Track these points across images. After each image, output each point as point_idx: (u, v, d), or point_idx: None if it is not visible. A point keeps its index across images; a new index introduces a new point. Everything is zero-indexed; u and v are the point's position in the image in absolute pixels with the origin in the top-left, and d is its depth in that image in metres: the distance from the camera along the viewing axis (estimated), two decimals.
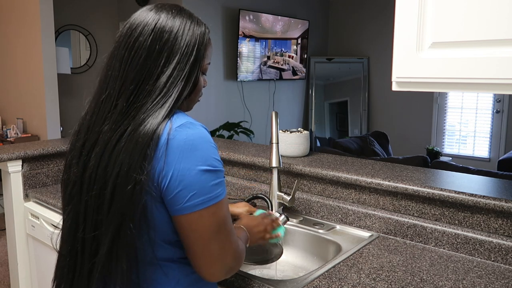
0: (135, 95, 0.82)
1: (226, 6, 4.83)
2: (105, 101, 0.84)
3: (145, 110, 0.80)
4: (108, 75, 0.85)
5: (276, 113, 1.41)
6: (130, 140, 0.78)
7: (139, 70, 0.83)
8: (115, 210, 0.78)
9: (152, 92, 0.82)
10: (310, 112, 6.07)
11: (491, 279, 1.11)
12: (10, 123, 4.16)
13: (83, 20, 4.65)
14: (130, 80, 0.82)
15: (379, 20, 5.75)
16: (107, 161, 0.80)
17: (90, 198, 0.82)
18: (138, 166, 0.77)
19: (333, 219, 1.52)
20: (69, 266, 0.86)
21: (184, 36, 0.85)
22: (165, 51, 0.83)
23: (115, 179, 0.78)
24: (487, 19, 0.81)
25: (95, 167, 0.81)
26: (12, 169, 1.84)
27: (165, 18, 0.86)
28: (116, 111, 0.82)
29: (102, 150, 0.81)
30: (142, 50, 0.83)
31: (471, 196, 1.24)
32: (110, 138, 0.80)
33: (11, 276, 2.01)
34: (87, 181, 0.82)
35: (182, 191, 0.77)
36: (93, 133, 0.84)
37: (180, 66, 0.84)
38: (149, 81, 0.82)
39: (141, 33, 0.84)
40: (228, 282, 1.10)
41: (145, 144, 0.77)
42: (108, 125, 0.81)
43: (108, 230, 0.78)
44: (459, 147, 5.62)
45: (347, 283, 1.07)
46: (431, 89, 0.93)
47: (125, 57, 0.84)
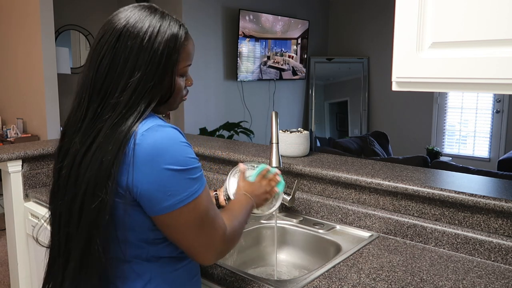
0: (102, 108, 0.81)
1: (226, 6, 4.83)
2: (77, 110, 0.85)
3: (111, 125, 0.80)
4: (80, 83, 0.86)
5: (276, 113, 1.41)
6: (95, 158, 0.79)
7: (105, 81, 0.82)
8: (84, 226, 0.80)
9: (117, 106, 0.80)
10: (310, 112, 6.07)
11: (491, 279, 1.11)
12: (10, 123, 4.16)
13: (83, 20, 4.64)
14: (97, 91, 0.82)
15: (379, 20, 5.75)
16: (76, 175, 0.82)
17: (61, 207, 0.85)
18: (104, 185, 0.78)
19: (333, 219, 1.52)
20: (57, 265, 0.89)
21: (152, 43, 0.82)
22: (130, 61, 0.81)
23: (82, 196, 0.80)
24: (487, 19, 0.81)
25: (66, 177, 0.84)
26: (12, 169, 1.84)
27: (133, 23, 0.83)
28: (85, 122, 0.83)
29: (71, 162, 0.83)
30: (106, 61, 0.81)
31: (471, 196, 1.24)
32: (78, 150, 0.82)
33: (11, 276, 2.01)
34: (62, 189, 0.85)
35: (157, 194, 0.78)
36: (67, 141, 0.86)
37: (147, 77, 0.81)
38: (114, 94, 0.81)
39: (106, 41, 0.82)
40: (228, 282, 1.10)
41: (109, 163, 0.78)
42: (78, 137, 0.83)
43: (78, 245, 0.81)
44: (459, 147, 5.62)
45: (347, 283, 1.07)
46: (431, 89, 0.93)
47: (92, 66, 0.83)
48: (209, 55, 4.74)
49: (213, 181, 1.90)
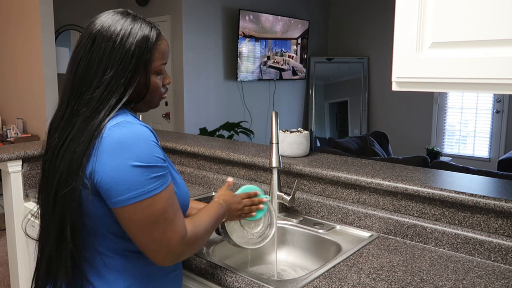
0: (78, 104, 0.88)
1: (226, 6, 4.83)
2: (58, 109, 0.92)
3: (85, 119, 0.86)
4: (63, 85, 0.93)
5: (276, 113, 1.41)
6: (69, 150, 0.85)
7: (82, 81, 0.89)
8: (57, 214, 0.87)
9: (91, 101, 0.87)
10: (310, 112, 6.07)
11: (491, 279, 1.11)
12: (10, 123, 4.16)
13: (83, 20, 4.64)
14: (75, 91, 0.89)
15: (379, 20, 5.75)
16: (53, 167, 0.88)
17: (44, 200, 0.92)
18: (75, 174, 0.83)
19: (333, 219, 1.52)
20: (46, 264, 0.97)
21: (123, 44, 0.88)
22: (103, 61, 0.87)
23: (56, 185, 0.86)
24: (487, 19, 0.81)
25: (47, 170, 0.90)
26: (12, 169, 1.84)
27: (107, 27, 0.89)
28: (64, 119, 0.89)
29: (51, 157, 0.89)
30: (84, 62, 0.88)
31: (471, 196, 1.24)
32: (56, 145, 0.88)
33: (11, 276, 2.01)
34: (45, 181, 0.91)
35: (114, 186, 0.82)
36: (50, 137, 0.92)
37: (118, 74, 0.88)
38: (89, 91, 0.87)
39: (83, 45, 0.90)
40: (228, 282, 1.10)
41: (81, 153, 0.83)
42: (57, 132, 0.89)
43: (53, 233, 0.88)
44: (459, 147, 5.62)
45: (347, 283, 1.07)
46: (431, 89, 0.93)
47: (72, 68, 0.91)
48: (209, 55, 4.74)
49: (213, 181, 1.90)
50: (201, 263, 1.18)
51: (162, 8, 4.61)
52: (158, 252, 0.86)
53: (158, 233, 0.85)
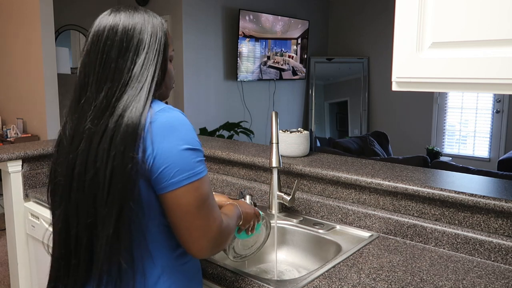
0: (112, 89, 0.86)
1: (226, 6, 4.83)
2: (84, 104, 0.88)
3: (127, 98, 0.85)
4: (84, 82, 0.89)
5: (276, 113, 1.41)
6: (119, 125, 0.83)
7: (113, 69, 0.87)
8: (115, 192, 0.81)
9: (129, 82, 0.87)
10: (310, 112, 6.07)
11: (491, 279, 1.11)
12: (10, 123, 4.16)
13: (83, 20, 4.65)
14: (105, 80, 0.87)
15: (379, 20, 5.75)
16: (96, 151, 0.83)
17: (82, 192, 0.85)
18: (133, 146, 0.81)
19: (333, 219, 1.52)
20: (65, 268, 0.89)
21: (146, 29, 0.91)
22: (132, 46, 0.89)
23: (112, 161, 0.81)
24: (487, 19, 0.81)
25: (83, 162, 0.84)
26: (12, 169, 1.84)
27: (125, 18, 0.91)
28: (96, 108, 0.86)
29: (89, 144, 0.84)
30: (113, 52, 0.88)
31: (471, 196, 1.24)
32: (94, 132, 0.84)
33: (11, 276, 2.01)
34: (77, 178, 0.85)
35: (166, 169, 0.82)
36: (77, 135, 0.87)
37: (148, 55, 0.89)
38: (123, 75, 0.87)
39: (108, 36, 0.89)
40: (228, 282, 1.10)
41: (135, 125, 0.82)
42: (89, 122, 0.85)
43: (111, 212, 0.82)
44: (459, 147, 5.62)
45: (347, 283, 1.07)
46: (431, 89, 0.93)
47: (98, 61, 0.88)
48: (209, 55, 4.74)
49: (213, 181, 1.90)
50: (201, 263, 1.18)
51: (162, 8, 4.61)
52: (198, 240, 0.87)
53: (202, 218, 0.86)
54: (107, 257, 0.83)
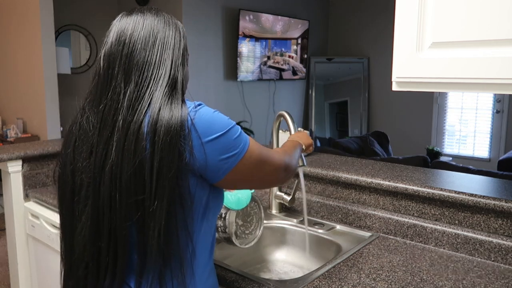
0: (143, 80, 0.86)
1: (226, 6, 4.83)
2: (111, 95, 0.85)
3: (163, 94, 0.85)
4: (108, 73, 0.87)
5: (288, 112, 1.42)
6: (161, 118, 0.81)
7: (141, 60, 0.87)
8: (165, 183, 0.80)
9: (162, 77, 0.87)
10: (310, 112, 6.07)
11: (491, 279, 1.11)
12: (10, 123, 4.16)
13: (83, 20, 4.65)
14: (134, 70, 0.86)
15: (379, 20, 5.75)
16: (135, 141, 0.81)
17: (119, 185, 0.81)
18: (179, 138, 0.81)
19: (333, 219, 1.52)
20: (93, 271, 0.85)
21: (171, 28, 0.92)
22: (159, 41, 0.89)
23: (160, 151, 0.79)
24: (487, 19, 0.81)
25: (119, 155, 0.81)
26: (12, 169, 1.84)
27: (150, 16, 0.91)
28: (127, 98, 0.84)
29: (124, 136, 0.81)
30: (139, 43, 0.87)
31: (471, 196, 1.24)
32: (131, 121, 0.82)
33: (11, 276, 2.01)
34: (109, 172, 0.81)
35: (216, 158, 0.84)
36: (105, 127, 0.84)
37: (175, 52, 0.90)
38: (153, 67, 0.87)
39: (134, 29, 0.89)
40: (228, 282, 1.10)
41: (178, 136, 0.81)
42: (123, 112, 0.83)
43: (162, 204, 0.80)
44: (459, 147, 5.62)
45: (347, 283, 1.07)
46: (431, 89, 0.94)
47: (124, 52, 0.87)
48: (209, 55, 4.74)
49: None
50: None
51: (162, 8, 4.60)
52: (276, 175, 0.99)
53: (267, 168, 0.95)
54: (161, 249, 0.81)
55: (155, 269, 0.83)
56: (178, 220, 0.82)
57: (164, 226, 0.80)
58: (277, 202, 1.56)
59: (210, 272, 0.95)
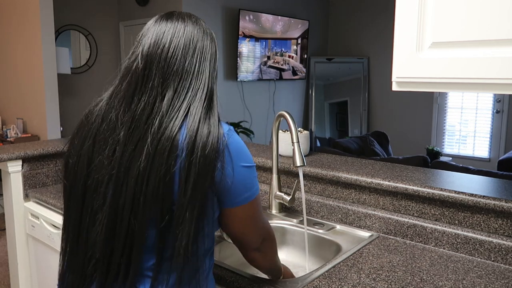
0: (182, 88, 0.86)
1: (226, 6, 4.83)
2: (147, 98, 0.84)
3: (202, 107, 0.85)
4: (145, 74, 0.85)
5: (289, 113, 1.40)
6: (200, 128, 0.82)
7: (181, 66, 0.86)
8: (199, 186, 0.80)
9: (200, 88, 0.87)
10: (310, 112, 6.07)
11: (491, 279, 1.11)
12: (10, 123, 4.16)
13: (83, 20, 4.65)
14: (172, 76, 0.85)
15: (379, 20, 5.75)
16: (169, 150, 0.80)
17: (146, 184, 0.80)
18: (215, 152, 0.82)
19: (333, 219, 1.52)
20: (102, 270, 0.84)
21: (209, 38, 0.92)
22: (198, 50, 0.89)
23: (198, 165, 0.80)
24: (487, 19, 0.81)
25: (149, 159, 0.80)
26: (12, 169, 1.84)
27: (190, 23, 0.90)
28: (165, 103, 0.84)
29: (157, 141, 0.80)
30: (179, 50, 0.87)
31: (471, 196, 1.24)
32: (165, 129, 0.81)
33: (11, 276, 2.01)
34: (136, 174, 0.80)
35: (235, 186, 0.86)
36: (137, 128, 0.82)
37: (211, 64, 0.91)
38: (192, 76, 0.87)
39: (174, 35, 0.88)
40: (228, 282, 1.10)
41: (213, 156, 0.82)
42: (158, 117, 0.82)
43: (193, 208, 0.80)
44: (459, 147, 5.62)
45: (347, 283, 1.07)
46: (431, 89, 0.94)
47: (162, 56, 0.86)
48: None
49: None
50: None
51: (162, 8, 4.61)
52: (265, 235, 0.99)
53: (262, 220, 0.98)
54: (187, 258, 0.81)
55: (170, 274, 0.83)
56: (201, 232, 0.84)
57: (193, 237, 0.81)
58: (277, 202, 1.57)
59: (211, 278, 0.97)
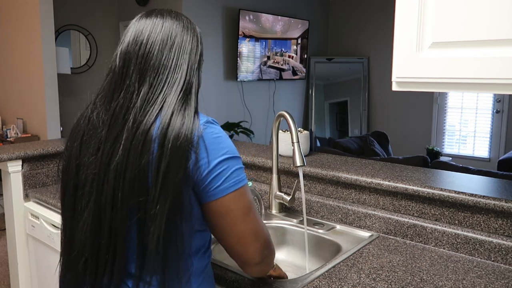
0: (158, 83, 0.86)
1: (226, 6, 4.83)
2: (124, 94, 0.86)
3: (177, 99, 0.85)
4: (123, 71, 0.87)
5: (289, 113, 1.40)
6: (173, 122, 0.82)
7: (157, 62, 0.87)
8: (169, 186, 0.80)
9: (177, 81, 0.87)
10: (310, 112, 6.07)
11: (491, 279, 1.11)
12: (10, 123, 4.16)
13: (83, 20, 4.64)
14: (149, 71, 0.86)
15: (379, 20, 5.75)
16: (143, 142, 0.81)
17: (122, 182, 0.81)
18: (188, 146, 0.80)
19: (333, 219, 1.52)
20: (91, 268, 0.85)
21: (189, 33, 0.92)
22: (176, 45, 0.89)
23: (168, 154, 0.80)
24: (487, 19, 0.81)
25: (125, 154, 0.81)
26: (12, 169, 1.84)
27: (169, 19, 0.91)
28: (140, 98, 0.84)
29: (132, 136, 0.82)
30: (156, 45, 0.88)
31: (471, 196, 1.24)
32: (140, 123, 0.82)
33: (11, 276, 2.01)
34: (114, 170, 0.81)
35: (215, 177, 0.84)
36: (115, 125, 0.84)
37: (191, 57, 0.90)
38: (169, 70, 0.87)
39: (152, 31, 0.88)
40: (228, 282, 1.10)
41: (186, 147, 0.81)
42: (133, 112, 0.83)
43: (164, 207, 0.79)
44: (459, 147, 5.62)
45: (347, 283, 1.07)
46: (431, 89, 0.93)
47: (140, 53, 0.87)
48: (209, 55, 4.74)
49: None
50: None
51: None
52: (252, 244, 0.89)
53: (252, 222, 0.88)
54: (159, 253, 0.81)
55: (152, 273, 0.83)
56: (178, 227, 0.82)
57: (164, 231, 0.80)
58: (277, 202, 1.57)
59: (204, 279, 0.94)
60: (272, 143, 1.55)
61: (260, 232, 0.90)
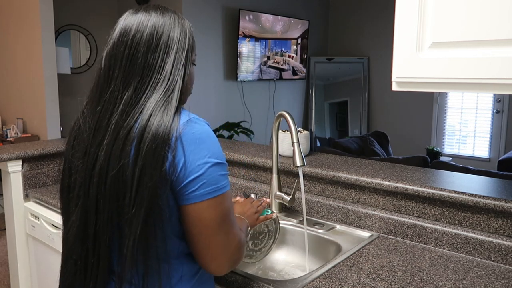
0: (141, 85, 0.84)
1: (226, 6, 4.83)
2: (109, 98, 0.85)
3: (158, 98, 0.83)
4: (109, 75, 0.87)
5: (289, 113, 1.40)
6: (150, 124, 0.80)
7: (142, 64, 0.85)
8: (144, 191, 0.79)
9: (161, 81, 0.85)
10: (310, 112, 6.07)
11: (491, 279, 1.11)
12: (10, 123, 4.16)
13: (83, 20, 4.64)
14: (134, 74, 0.85)
15: (379, 20, 5.75)
16: (122, 146, 0.80)
17: (104, 187, 0.81)
18: (164, 147, 0.79)
19: (333, 219, 1.52)
20: (80, 269, 0.86)
21: (176, 29, 0.89)
22: (162, 43, 0.87)
23: (143, 158, 0.79)
24: (487, 19, 0.81)
25: (106, 158, 0.81)
26: (12, 169, 1.84)
27: (155, 16, 0.89)
28: (124, 103, 0.84)
29: (114, 138, 0.82)
30: (141, 46, 0.86)
31: (471, 196, 1.24)
32: (122, 126, 0.82)
33: (11, 276, 2.01)
34: (97, 175, 0.82)
35: (192, 181, 0.81)
36: (99, 130, 0.85)
37: (178, 55, 0.88)
38: (153, 71, 0.85)
39: (137, 30, 0.87)
40: (228, 282, 1.10)
41: (167, 128, 0.80)
42: (116, 117, 0.83)
43: (140, 211, 0.79)
44: (459, 147, 5.62)
45: (347, 283, 1.07)
46: (431, 89, 0.93)
47: (125, 54, 0.86)
48: (209, 55, 4.74)
49: None
50: None
51: None
52: (218, 257, 0.85)
53: (222, 234, 0.85)
54: (134, 258, 0.80)
55: (131, 278, 0.82)
56: (156, 231, 0.81)
57: (139, 235, 0.79)
58: (277, 202, 1.57)
59: (197, 282, 0.92)
60: (272, 143, 1.55)
61: (229, 246, 0.86)
